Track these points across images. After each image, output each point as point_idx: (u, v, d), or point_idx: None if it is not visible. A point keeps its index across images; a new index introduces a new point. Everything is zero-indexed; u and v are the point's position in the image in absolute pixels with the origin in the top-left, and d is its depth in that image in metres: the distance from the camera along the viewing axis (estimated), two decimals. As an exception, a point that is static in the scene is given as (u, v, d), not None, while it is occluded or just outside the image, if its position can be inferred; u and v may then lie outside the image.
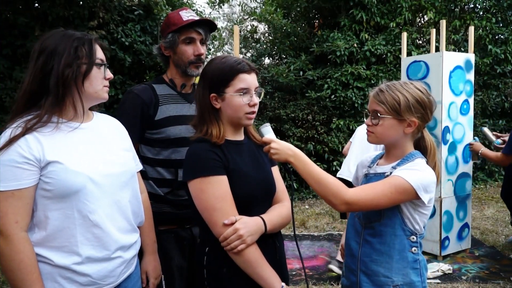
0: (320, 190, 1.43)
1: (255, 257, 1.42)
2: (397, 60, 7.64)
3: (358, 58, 7.82)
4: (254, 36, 10.12)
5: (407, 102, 1.49)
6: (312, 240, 5.05)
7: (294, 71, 7.87)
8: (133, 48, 6.69)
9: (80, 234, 1.31)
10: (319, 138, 7.55)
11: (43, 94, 1.32)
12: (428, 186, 1.45)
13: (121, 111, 1.90)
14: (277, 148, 1.43)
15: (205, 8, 11.52)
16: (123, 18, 6.74)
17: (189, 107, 1.97)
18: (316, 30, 8.78)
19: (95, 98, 1.42)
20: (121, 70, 6.68)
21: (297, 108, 7.70)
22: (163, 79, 2.00)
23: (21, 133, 1.26)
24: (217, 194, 1.40)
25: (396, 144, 1.56)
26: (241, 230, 1.38)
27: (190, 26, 1.90)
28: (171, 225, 1.93)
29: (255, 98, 1.50)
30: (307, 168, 1.43)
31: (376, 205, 1.44)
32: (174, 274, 1.90)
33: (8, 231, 1.23)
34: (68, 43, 1.34)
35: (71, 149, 1.33)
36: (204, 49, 1.95)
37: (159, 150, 1.89)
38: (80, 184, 1.30)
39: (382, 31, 8.12)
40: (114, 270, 1.40)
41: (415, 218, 1.50)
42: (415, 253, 1.52)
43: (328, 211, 6.42)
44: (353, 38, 7.88)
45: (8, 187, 1.23)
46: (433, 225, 4.29)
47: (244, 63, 1.48)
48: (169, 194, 1.90)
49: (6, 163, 1.23)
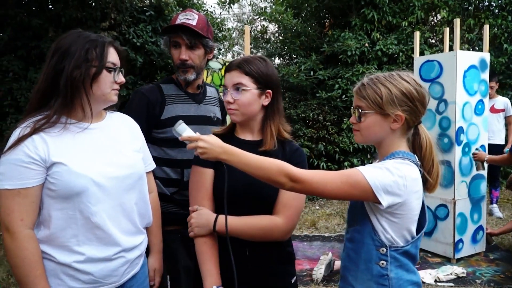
0: (264, 174, 1.29)
1: (200, 250, 1.48)
2: (409, 59, 7.54)
3: (370, 58, 7.75)
4: (264, 36, 10.10)
5: (390, 94, 1.35)
6: (322, 241, 5.01)
7: (305, 71, 7.83)
8: (145, 49, 6.73)
9: (81, 234, 1.33)
10: (330, 138, 7.49)
11: (54, 94, 1.33)
12: (390, 187, 1.26)
13: (128, 111, 1.90)
14: (205, 147, 1.32)
15: (215, 8, 11.52)
16: (135, 19, 6.78)
17: (197, 107, 1.96)
18: (327, 29, 8.73)
19: (103, 101, 1.41)
20: (132, 71, 6.72)
21: (307, 108, 7.67)
22: (172, 78, 2.00)
23: (29, 133, 1.28)
24: (195, 183, 1.54)
25: (383, 143, 1.42)
26: (192, 219, 1.49)
27: (175, 30, 1.88)
28: (178, 225, 1.92)
29: (228, 95, 1.52)
30: (243, 159, 1.30)
31: (323, 189, 1.27)
32: (181, 274, 1.89)
33: (14, 228, 1.27)
34: (80, 44, 1.34)
35: (77, 151, 1.34)
36: (189, 54, 1.90)
37: (165, 150, 1.89)
38: (83, 186, 1.31)
39: (394, 30, 8.03)
40: (117, 269, 1.41)
41: (384, 227, 1.33)
42: (383, 267, 1.34)
43: (339, 212, 6.37)
44: (364, 38, 7.81)
45: (14, 186, 1.26)
46: (446, 228, 4.22)
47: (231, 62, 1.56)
48: (176, 194, 1.90)
49: (13, 162, 1.26)
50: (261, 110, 1.56)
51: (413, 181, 1.31)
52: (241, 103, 1.51)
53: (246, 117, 1.55)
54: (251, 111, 1.54)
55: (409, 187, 1.29)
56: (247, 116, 1.55)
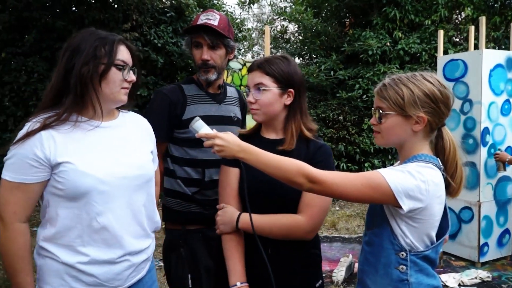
0: (282, 174, 1.27)
1: (225, 247, 1.51)
2: (433, 59, 7.41)
3: (391, 57, 7.65)
4: (284, 36, 10.08)
5: (412, 95, 1.30)
6: (343, 242, 4.97)
7: (325, 71, 7.78)
8: (165, 49, 6.80)
9: (86, 235, 1.31)
10: (350, 138, 7.43)
11: (66, 91, 1.32)
12: (412, 191, 1.22)
13: (150, 111, 1.93)
14: (222, 144, 1.31)
15: (235, 9, 11.55)
16: (156, 20, 6.86)
17: (218, 107, 1.97)
18: (347, 29, 8.66)
19: (112, 99, 1.38)
20: (153, 71, 6.80)
21: (327, 108, 7.62)
22: (192, 79, 2.01)
23: (37, 128, 1.27)
24: (222, 182, 1.58)
25: (405, 146, 1.37)
26: (218, 217, 1.53)
27: (197, 30, 1.88)
28: (199, 224, 1.92)
29: (250, 95, 1.53)
30: (261, 158, 1.29)
31: (342, 191, 1.25)
32: (201, 274, 1.89)
33: (6, 219, 1.29)
34: (90, 42, 1.32)
35: (85, 149, 1.32)
36: (211, 54, 1.89)
37: (187, 150, 1.90)
38: (89, 185, 1.29)
39: (416, 29, 7.91)
40: (121, 273, 1.38)
41: (404, 231, 1.29)
42: (402, 271, 1.30)
43: (359, 213, 6.31)
44: (386, 37, 7.71)
45: (15, 179, 1.27)
46: (471, 231, 4.12)
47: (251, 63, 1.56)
48: (197, 193, 1.91)
49: (18, 156, 1.27)
50: (283, 109, 1.56)
51: (436, 186, 1.26)
52: (262, 103, 1.51)
53: (267, 117, 1.55)
54: (272, 110, 1.53)
55: (431, 192, 1.24)
56: (268, 115, 1.54)
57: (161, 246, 2.08)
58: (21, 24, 6.50)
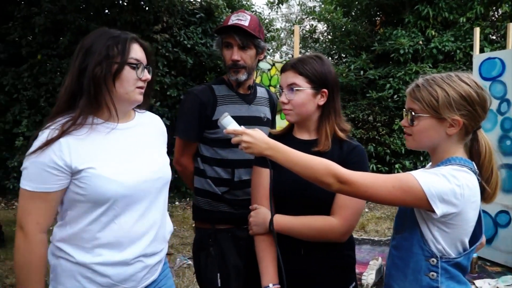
0: (310, 174, 1.25)
1: (258, 248, 1.52)
2: (468, 57, 7.18)
3: (424, 56, 7.46)
4: (313, 36, 10.01)
5: (447, 97, 1.24)
6: (372, 245, 4.88)
7: (354, 70, 7.68)
8: (195, 50, 6.89)
9: (103, 236, 1.30)
10: (380, 139, 7.30)
11: (80, 93, 1.29)
12: (446, 195, 1.17)
13: (181, 111, 1.97)
14: (249, 141, 1.29)
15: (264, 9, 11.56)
16: (186, 22, 6.96)
17: (248, 108, 1.97)
18: (378, 28, 8.52)
19: (127, 99, 1.34)
20: (183, 72, 6.90)
21: (357, 108, 7.52)
22: (223, 79, 2.02)
23: (56, 136, 1.24)
24: (255, 183, 1.59)
25: (438, 149, 1.31)
26: (251, 218, 1.54)
27: (228, 30, 1.88)
28: (229, 224, 1.93)
29: (282, 96, 1.53)
30: (289, 157, 1.27)
31: (372, 193, 1.21)
32: (230, 273, 1.90)
33: (29, 230, 1.25)
34: (102, 41, 1.29)
35: (105, 153, 1.30)
36: (241, 55, 1.89)
37: (216, 150, 1.91)
38: (113, 191, 1.27)
39: (450, 27, 7.69)
40: (135, 274, 1.36)
41: (435, 236, 1.24)
42: (433, 278, 1.25)
43: (390, 215, 6.18)
44: (418, 35, 7.54)
45: (35, 189, 1.24)
46: (508, 235, 3.96)
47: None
48: (227, 193, 1.92)
49: (38, 165, 1.23)
50: (317, 109, 1.54)
51: (471, 191, 1.21)
52: (295, 103, 1.50)
53: (300, 117, 1.54)
54: (305, 111, 1.52)
55: (466, 196, 1.19)
56: (301, 116, 1.53)
57: (190, 245, 2.10)
58: (56, 27, 6.74)
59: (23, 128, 6.72)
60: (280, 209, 1.48)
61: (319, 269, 1.50)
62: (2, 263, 4.08)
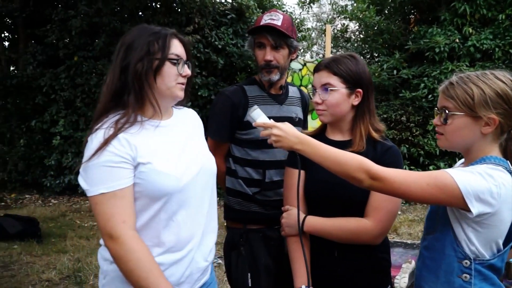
0: (341, 169, 1.22)
1: (290, 249, 1.52)
2: (507, 55, 6.92)
3: (460, 54, 7.22)
4: (345, 35, 9.89)
5: (483, 95, 1.21)
6: (405, 248, 4.77)
7: (387, 70, 7.53)
8: (225, 51, 6.94)
9: (162, 235, 1.27)
10: (413, 140, 7.12)
11: (124, 91, 1.27)
12: (483, 194, 1.14)
13: (213, 112, 1.98)
14: (279, 135, 1.27)
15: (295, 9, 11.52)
16: (217, 22, 7.03)
17: (279, 108, 1.96)
18: (412, 26, 8.32)
19: (168, 95, 1.32)
20: (214, 72, 6.96)
21: (389, 108, 7.37)
22: (254, 79, 2.01)
23: (113, 133, 1.21)
24: (287, 184, 1.59)
25: (472, 148, 1.28)
26: (283, 219, 1.55)
27: (261, 30, 1.87)
28: (260, 224, 1.93)
29: (316, 96, 1.51)
30: (319, 151, 1.25)
31: (405, 190, 1.18)
32: (261, 273, 1.90)
33: (118, 232, 1.17)
34: (143, 38, 1.28)
35: (157, 149, 1.28)
36: (274, 55, 1.87)
37: (248, 151, 1.91)
38: (170, 186, 1.25)
39: (488, 24, 7.41)
40: (191, 275, 1.34)
41: (469, 237, 1.21)
42: (466, 280, 1.23)
43: (423, 218, 6.02)
44: (454, 33, 7.30)
45: (109, 188, 1.18)
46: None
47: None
48: (258, 194, 1.92)
49: (103, 164, 1.19)
50: (351, 110, 1.52)
51: (507, 190, 1.18)
52: (329, 103, 1.48)
53: (334, 118, 1.52)
54: (339, 111, 1.50)
55: (502, 196, 1.16)
56: (335, 116, 1.51)
57: (221, 244, 2.12)
58: (91, 29, 6.96)
59: (60, 127, 6.97)
60: (314, 210, 1.47)
61: (353, 271, 1.48)
62: (39, 258, 4.24)
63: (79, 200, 7.10)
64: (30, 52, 7.40)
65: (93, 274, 3.79)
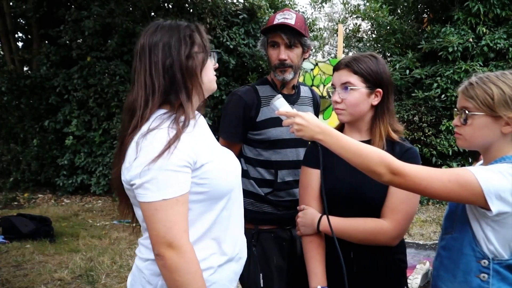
0: (362, 162, 1.21)
1: (306, 249, 1.52)
2: (522, 55, 6.80)
3: (474, 54, 7.13)
4: (357, 35, 9.83)
5: (503, 95, 1.22)
6: (417, 249, 4.73)
7: (400, 69, 7.46)
8: (237, 51, 6.94)
9: (224, 234, 1.23)
10: (426, 140, 7.05)
11: (171, 90, 1.20)
12: (504, 193, 1.14)
13: (225, 113, 1.97)
14: (302, 124, 1.26)
15: (307, 8, 11.49)
16: (228, 23, 7.03)
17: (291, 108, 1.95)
18: (425, 25, 8.23)
19: (209, 88, 1.29)
20: (225, 72, 6.97)
21: (402, 108, 7.30)
22: (266, 80, 2.01)
23: (177, 134, 1.14)
24: (303, 183, 1.58)
25: (492, 148, 1.28)
26: (299, 219, 1.54)
27: (274, 29, 1.86)
28: (272, 225, 1.93)
29: (335, 95, 1.49)
30: (341, 142, 1.23)
31: (426, 186, 1.17)
32: (273, 273, 1.90)
33: (180, 242, 1.10)
34: (179, 34, 1.22)
35: (210, 146, 1.25)
36: (288, 54, 1.86)
37: (260, 151, 1.91)
38: (231, 181, 1.22)
39: (502, 23, 7.30)
40: (238, 273, 1.31)
41: (488, 236, 1.21)
42: (484, 280, 1.22)
43: (435, 219, 5.96)
44: (468, 33, 7.21)
45: (173, 194, 1.10)
46: None
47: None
48: (270, 194, 1.92)
49: (168, 167, 1.10)
50: (370, 109, 1.51)
51: None
52: (349, 103, 1.47)
53: (353, 117, 1.51)
54: (359, 111, 1.49)
55: None
56: (354, 116, 1.50)
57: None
58: (104, 29, 7.01)
59: (73, 127, 7.05)
60: (332, 210, 1.45)
61: (369, 272, 1.47)
62: (51, 258, 4.29)
63: (92, 199, 7.17)
64: (44, 53, 7.48)
65: (105, 273, 3.82)
